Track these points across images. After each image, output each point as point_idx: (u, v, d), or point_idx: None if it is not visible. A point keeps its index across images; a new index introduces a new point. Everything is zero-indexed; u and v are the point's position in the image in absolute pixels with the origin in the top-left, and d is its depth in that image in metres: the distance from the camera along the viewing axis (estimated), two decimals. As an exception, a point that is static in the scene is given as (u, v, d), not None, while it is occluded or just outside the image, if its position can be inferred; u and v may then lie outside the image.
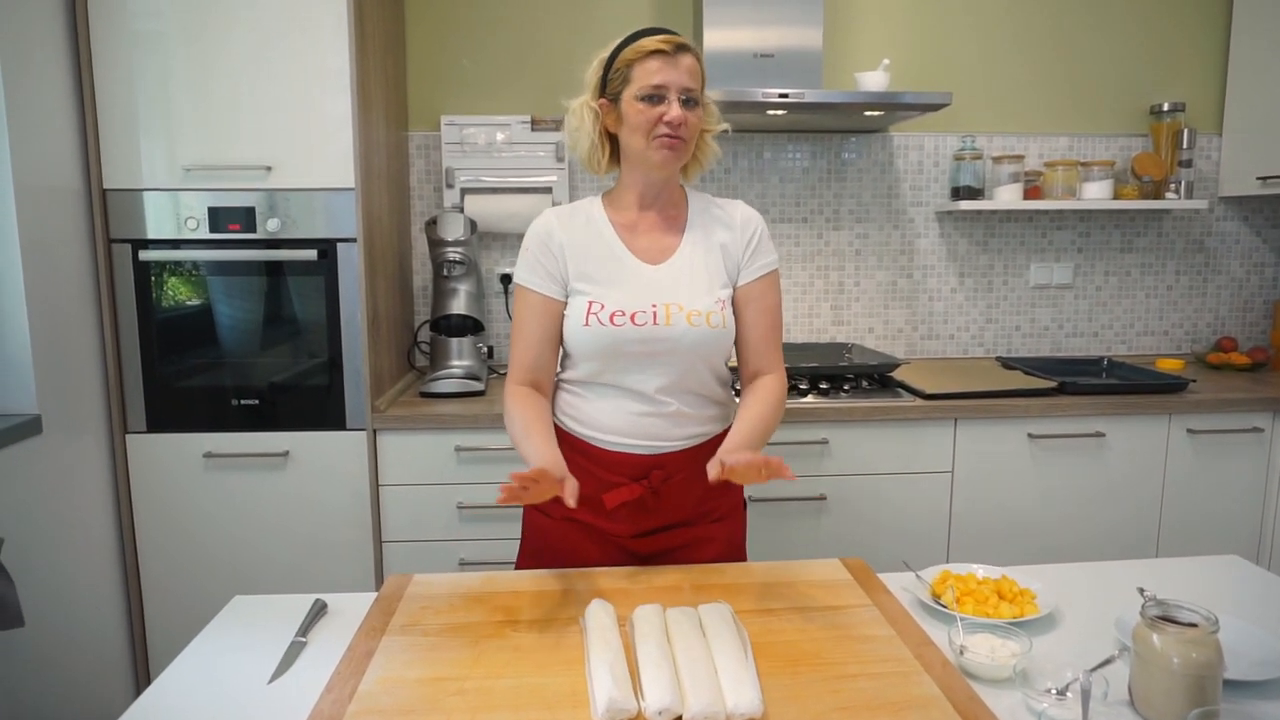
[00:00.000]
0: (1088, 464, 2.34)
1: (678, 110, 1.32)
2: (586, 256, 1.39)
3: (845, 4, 2.69)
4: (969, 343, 2.92)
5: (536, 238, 1.41)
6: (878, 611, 1.22)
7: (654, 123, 1.32)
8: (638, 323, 1.35)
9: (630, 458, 1.40)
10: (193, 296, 2.11)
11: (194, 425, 2.13)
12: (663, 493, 1.40)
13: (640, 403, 1.39)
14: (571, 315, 1.39)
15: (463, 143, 2.63)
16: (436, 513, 2.20)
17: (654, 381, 1.38)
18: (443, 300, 2.47)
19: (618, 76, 1.35)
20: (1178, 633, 0.96)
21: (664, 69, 1.32)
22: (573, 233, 1.40)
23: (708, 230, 1.43)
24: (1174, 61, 2.83)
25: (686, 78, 1.33)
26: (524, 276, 1.41)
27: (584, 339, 1.37)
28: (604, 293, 1.37)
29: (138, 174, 2.05)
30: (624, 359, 1.37)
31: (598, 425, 1.41)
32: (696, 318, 1.36)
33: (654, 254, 1.41)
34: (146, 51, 2.01)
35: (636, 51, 1.33)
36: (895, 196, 2.81)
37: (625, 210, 1.43)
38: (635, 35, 1.36)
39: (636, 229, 1.42)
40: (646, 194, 1.42)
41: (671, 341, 1.35)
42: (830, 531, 2.28)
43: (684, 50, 1.34)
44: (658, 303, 1.36)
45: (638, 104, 1.33)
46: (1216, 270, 2.96)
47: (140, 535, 2.15)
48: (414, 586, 1.31)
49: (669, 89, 1.32)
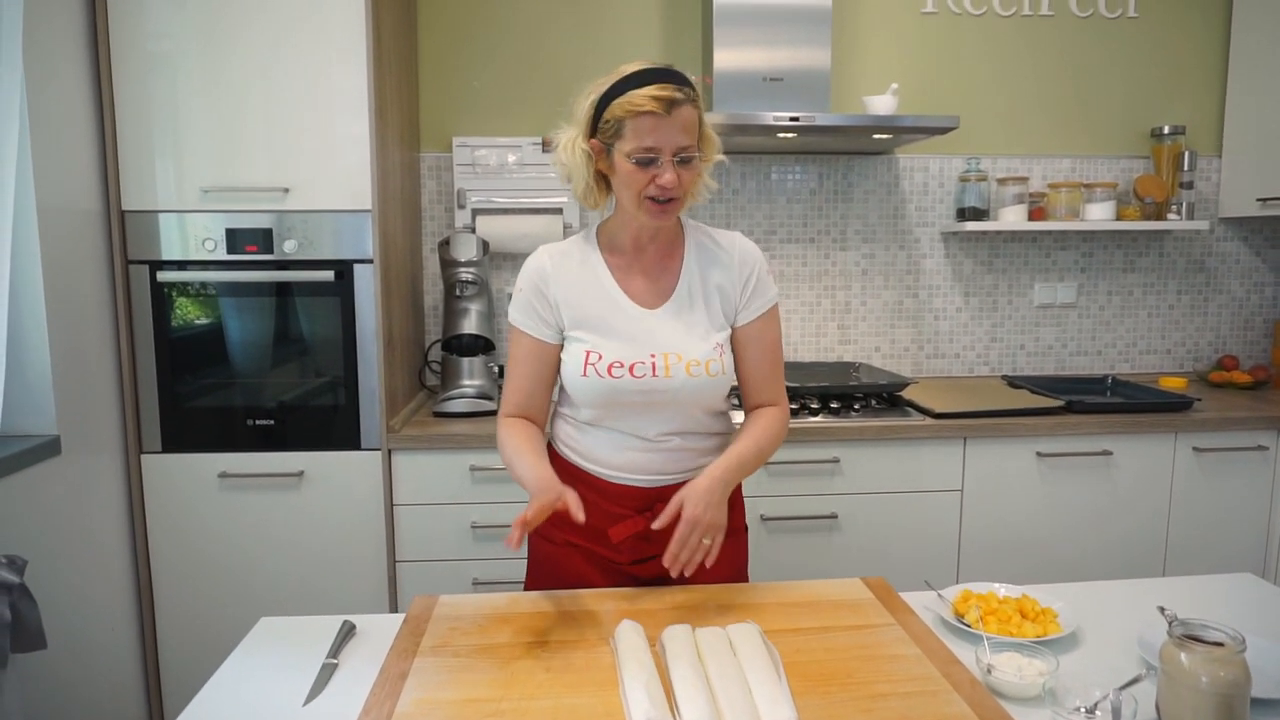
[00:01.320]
0: (1096, 482, 2.36)
1: (670, 175, 1.26)
2: (581, 301, 1.36)
3: (851, 27, 2.73)
4: (974, 362, 2.94)
5: (530, 280, 1.38)
6: (902, 631, 1.23)
7: (646, 184, 1.27)
8: (636, 374, 1.33)
9: (633, 490, 1.40)
10: (209, 317, 2.13)
11: (209, 445, 2.14)
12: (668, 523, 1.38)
13: (640, 442, 1.39)
14: (569, 363, 1.36)
15: (474, 164, 2.66)
16: (450, 532, 2.20)
17: (653, 428, 1.38)
18: (454, 320, 2.48)
19: (609, 127, 1.28)
20: (1206, 652, 0.97)
21: (657, 129, 1.24)
22: (566, 276, 1.37)
23: (704, 270, 1.39)
24: (1174, 85, 2.88)
25: (681, 135, 1.26)
26: (517, 318, 1.40)
27: (582, 387, 1.35)
28: (601, 342, 1.34)
29: (156, 196, 2.07)
30: (622, 407, 1.36)
31: (599, 460, 1.41)
32: (695, 367, 1.34)
33: (650, 296, 1.38)
34: (165, 75, 2.03)
35: (629, 109, 1.25)
36: (901, 217, 2.85)
37: (620, 249, 1.39)
38: (630, 80, 1.26)
39: (631, 269, 1.39)
40: (641, 235, 1.38)
41: (671, 392, 1.34)
42: (841, 550, 2.29)
43: (678, 105, 1.25)
44: (656, 352, 1.34)
45: (629, 163, 1.27)
46: (1217, 290, 2.99)
47: (154, 556, 2.15)
48: (440, 608, 1.31)
49: (662, 151, 1.26)
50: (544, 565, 1.49)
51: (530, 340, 1.38)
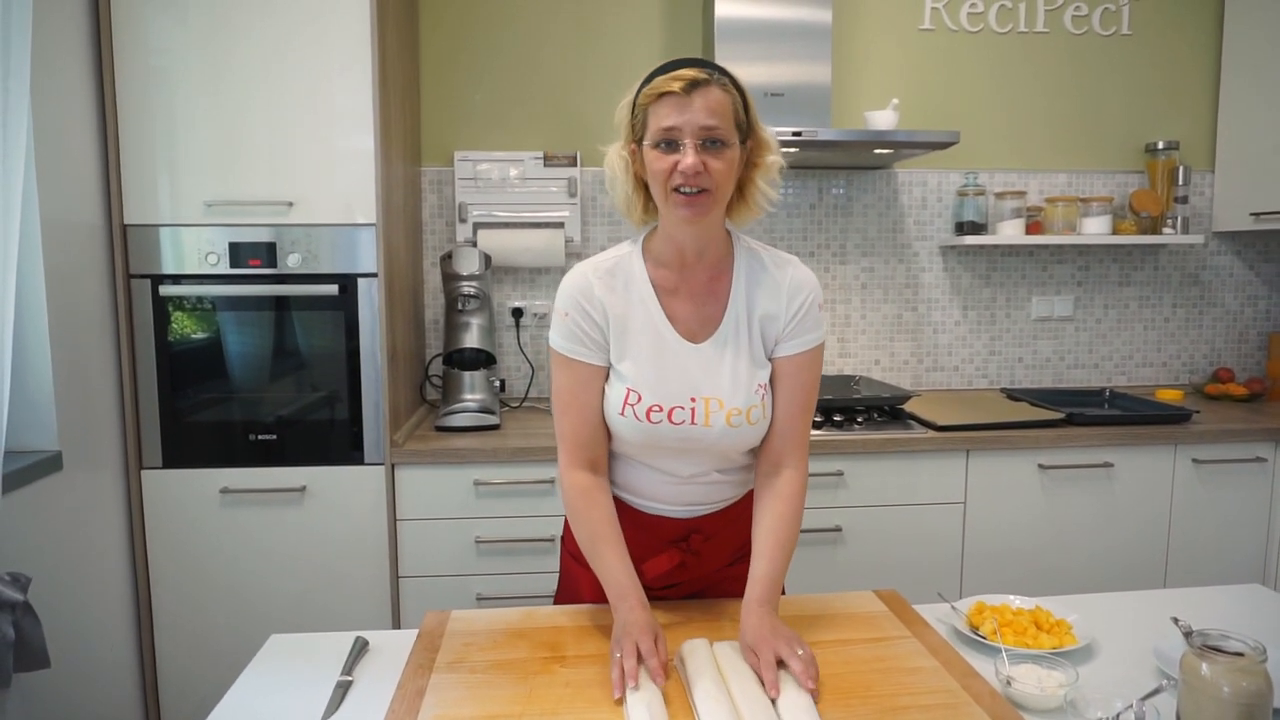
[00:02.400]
0: (1097, 494, 2.37)
1: (692, 158, 1.15)
2: (627, 329, 1.27)
3: (850, 43, 2.76)
4: (973, 374, 2.96)
5: (574, 301, 1.27)
6: (918, 643, 1.23)
7: (668, 172, 1.17)
8: (675, 420, 1.26)
9: (668, 521, 1.36)
10: (210, 331, 2.11)
11: (210, 461, 2.12)
12: (702, 552, 1.37)
13: (675, 478, 1.34)
14: (609, 397, 1.29)
15: (476, 178, 2.66)
16: (454, 547, 2.19)
17: (688, 469, 1.32)
18: (456, 334, 2.48)
19: (638, 122, 1.21)
20: (1228, 662, 0.98)
21: (676, 110, 1.16)
22: (613, 297, 1.27)
23: (752, 299, 1.29)
24: (1168, 101, 2.92)
25: (704, 116, 1.15)
26: (565, 345, 1.28)
27: (619, 424, 1.28)
28: (642, 380, 1.26)
29: (158, 209, 2.06)
30: (659, 450, 1.30)
31: (633, 490, 1.36)
32: (736, 416, 1.26)
33: (695, 327, 1.28)
34: (168, 89, 2.03)
35: (649, 94, 1.18)
36: (900, 231, 2.87)
37: (666, 266, 1.29)
38: (657, 71, 1.21)
39: (678, 292, 1.29)
40: (687, 249, 1.26)
41: (709, 441, 1.28)
42: (846, 563, 2.29)
43: (700, 86, 1.16)
44: (697, 397, 1.26)
45: (653, 151, 1.19)
46: (1212, 303, 3.02)
47: (154, 572, 2.12)
48: (454, 623, 1.31)
49: (682, 132, 1.16)
50: (572, 583, 1.46)
51: (583, 368, 1.28)
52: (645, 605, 1.20)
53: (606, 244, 2.77)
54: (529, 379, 2.77)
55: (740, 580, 1.40)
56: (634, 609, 1.19)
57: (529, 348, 2.77)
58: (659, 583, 1.37)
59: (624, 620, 1.17)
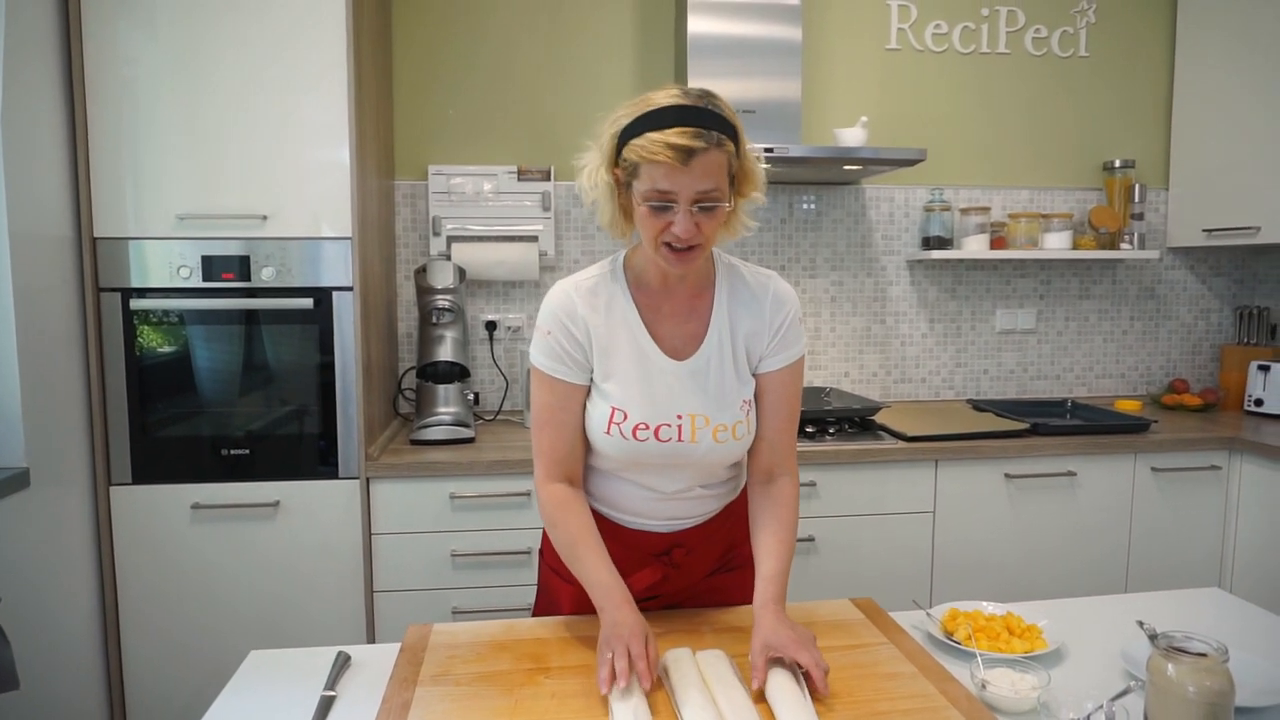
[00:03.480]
0: (1061, 501, 2.43)
1: (686, 223, 1.14)
2: (609, 347, 1.28)
3: (819, 61, 2.82)
4: (940, 386, 3.02)
5: (557, 320, 1.27)
6: (895, 649, 1.26)
7: (661, 230, 1.16)
8: (661, 438, 1.27)
9: (650, 536, 1.37)
10: (182, 346, 2.09)
11: (181, 476, 2.10)
12: (684, 565, 1.38)
13: (658, 494, 1.35)
14: (594, 416, 1.29)
15: (450, 192, 2.67)
16: (429, 561, 2.18)
17: (673, 484, 1.34)
18: (430, 347, 2.48)
19: (627, 164, 1.16)
20: (1192, 662, 1.02)
21: (670, 175, 1.12)
22: (595, 316, 1.27)
23: (735, 316, 1.30)
24: (1123, 121, 3.01)
25: (701, 181, 1.12)
26: (546, 363, 1.28)
27: (604, 443, 1.29)
28: (627, 399, 1.27)
29: (129, 222, 2.04)
30: (644, 467, 1.31)
31: (616, 506, 1.38)
32: (722, 433, 1.28)
33: (678, 344, 1.29)
34: (141, 100, 2.01)
35: (642, 154, 1.12)
36: (869, 246, 2.92)
37: (649, 286, 1.29)
38: (650, 119, 1.13)
39: (661, 310, 1.30)
40: (669, 273, 1.27)
41: (695, 457, 1.29)
42: (819, 572, 2.32)
43: (698, 154, 1.11)
44: (683, 413, 1.27)
45: (643, 206, 1.16)
46: (1167, 316, 3.12)
47: (123, 591, 2.09)
48: (436, 636, 1.31)
49: (677, 198, 1.13)
50: (551, 596, 1.46)
51: (564, 387, 1.28)
52: (632, 605, 1.21)
53: (580, 257, 2.79)
54: (503, 392, 2.77)
55: (720, 591, 1.43)
56: (620, 608, 1.19)
57: (503, 361, 2.77)
58: (641, 595, 1.37)
59: (613, 620, 1.17)
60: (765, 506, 1.34)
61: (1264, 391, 2.80)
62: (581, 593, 1.38)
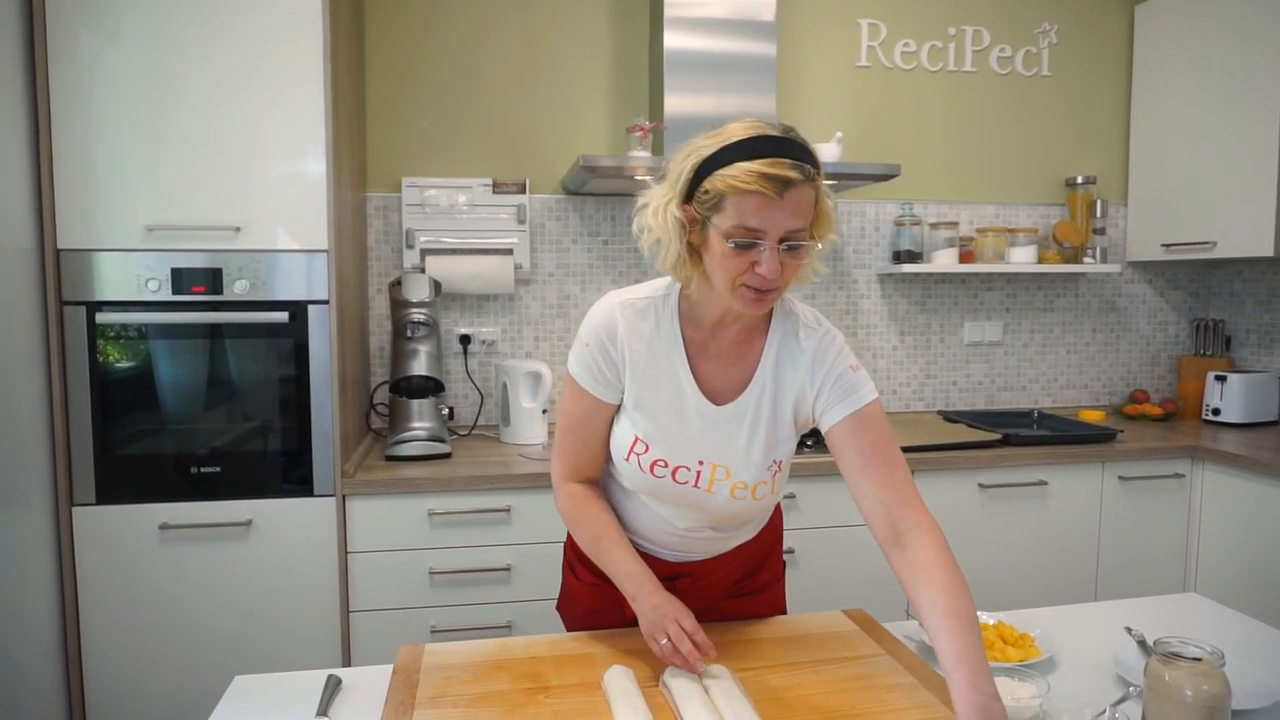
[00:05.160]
0: (1033, 511, 2.47)
1: (774, 264, 1.07)
2: (646, 376, 1.23)
3: (793, 77, 2.85)
4: (910, 397, 3.06)
5: (597, 336, 1.23)
6: (893, 660, 1.26)
7: (742, 270, 1.09)
8: (679, 480, 1.23)
9: (658, 561, 1.34)
10: (151, 361, 2.03)
11: (148, 496, 2.03)
12: (690, 593, 1.32)
13: (672, 526, 1.31)
14: (617, 437, 1.26)
15: (424, 204, 2.64)
16: (407, 580, 2.14)
17: (686, 522, 1.30)
18: (404, 361, 2.44)
19: (708, 198, 1.08)
20: (1189, 667, 1.03)
21: (763, 210, 1.05)
22: (638, 341, 1.22)
23: (780, 367, 1.23)
24: (1084, 138, 3.10)
25: (792, 219, 1.06)
26: (580, 375, 1.26)
27: (623, 468, 1.27)
28: (653, 432, 1.23)
29: (95, 233, 1.98)
30: (661, 498, 1.28)
31: (628, 525, 1.34)
32: (741, 490, 1.23)
33: (721, 386, 1.23)
34: (107, 109, 1.95)
35: (732, 184, 1.05)
36: (840, 260, 2.96)
37: (700, 324, 1.23)
38: (740, 148, 1.06)
39: (708, 349, 1.24)
40: (729, 314, 1.21)
41: (711, 506, 1.26)
42: (800, 585, 2.32)
43: (794, 186, 1.05)
44: (705, 460, 1.22)
45: (725, 245, 1.08)
46: (1127, 329, 3.21)
47: (85, 616, 2.01)
48: (429, 657, 1.28)
49: (766, 235, 1.06)
50: (571, 597, 1.47)
51: (591, 400, 1.26)
52: (663, 589, 1.22)
53: (555, 271, 2.77)
54: (478, 406, 2.74)
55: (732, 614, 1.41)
56: (654, 594, 1.20)
57: (477, 375, 2.74)
58: None
59: (650, 605, 1.19)
60: (914, 582, 1.11)
61: (1221, 401, 2.89)
62: (596, 591, 1.38)
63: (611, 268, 2.80)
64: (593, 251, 2.79)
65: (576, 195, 2.76)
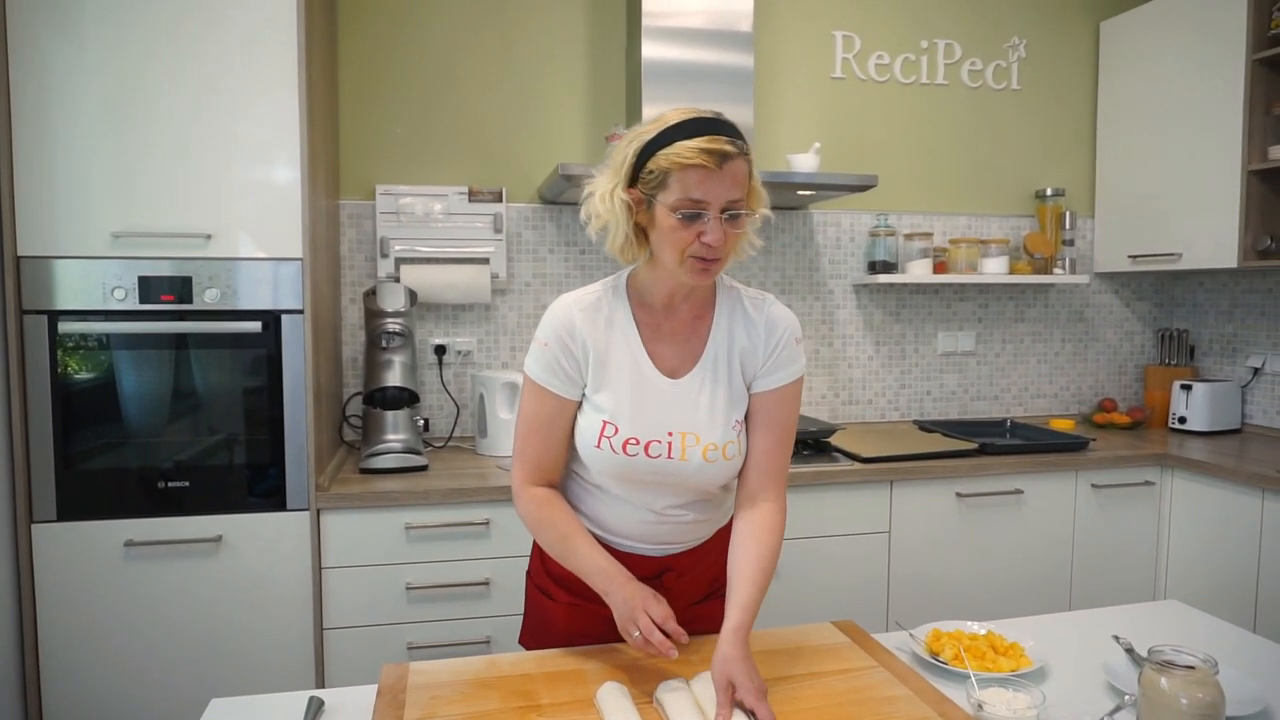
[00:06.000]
0: (1009, 519, 2.49)
1: (718, 231, 1.16)
2: (606, 363, 1.28)
3: (769, 88, 2.86)
4: (885, 407, 3.08)
5: (556, 334, 1.28)
6: (887, 672, 1.25)
7: (689, 242, 1.18)
8: (651, 454, 1.27)
9: (642, 559, 1.35)
10: (115, 372, 1.96)
11: (112, 512, 1.96)
12: (674, 590, 1.35)
13: (650, 513, 1.33)
14: (583, 429, 1.30)
15: (398, 212, 2.60)
16: (383, 595, 2.09)
17: (663, 502, 1.33)
18: (378, 372, 2.39)
19: (652, 177, 1.17)
20: (1184, 675, 1.04)
21: (706, 182, 1.15)
22: (595, 331, 1.28)
23: (732, 335, 1.32)
24: (1053, 151, 3.16)
25: (731, 189, 1.16)
26: (541, 375, 1.29)
27: (594, 457, 1.30)
28: (619, 413, 1.27)
29: (58, 240, 1.91)
30: (634, 483, 1.31)
31: (607, 527, 1.36)
32: (713, 451, 1.28)
33: (675, 363, 1.30)
34: (72, 111, 1.89)
35: (676, 161, 1.15)
36: (816, 270, 2.97)
37: (651, 306, 1.31)
38: (678, 130, 1.17)
39: (660, 329, 1.31)
40: (676, 293, 1.30)
41: (685, 475, 1.30)
42: (780, 596, 2.31)
43: (730, 159, 1.15)
44: (674, 430, 1.27)
45: (672, 218, 1.17)
46: (1095, 338, 3.26)
47: (45, 638, 1.93)
48: (414, 676, 1.24)
49: (710, 206, 1.16)
50: (539, 618, 1.44)
51: (553, 399, 1.29)
52: (635, 580, 1.23)
53: (532, 280, 2.75)
54: (453, 418, 2.69)
55: (709, 619, 1.41)
56: (625, 585, 1.22)
57: (452, 385, 2.70)
58: None
59: (622, 598, 1.20)
60: (746, 531, 1.30)
61: (1187, 409, 2.94)
62: (575, 609, 1.37)
63: (589, 277, 2.78)
64: (570, 261, 2.77)
65: (553, 204, 2.74)
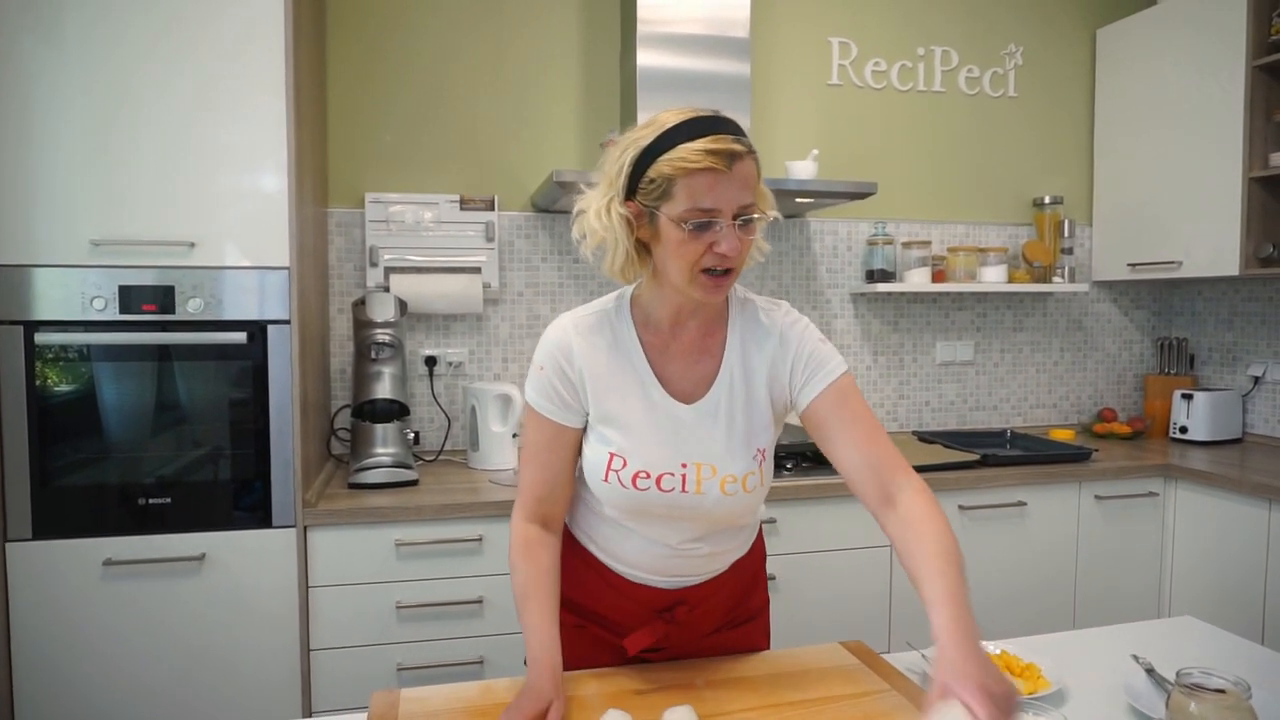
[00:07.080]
0: (1012, 532, 2.45)
1: (733, 240, 1.05)
2: (610, 389, 1.18)
3: (765, 95, 2.83)
4: (884, 418, 3.03)
5: (552, 358, 1.20)
6: (900, 696, 1.20)
7: (700, 254, 1.07)
8: (664, 488, 1.17)
9: (654, 591, 1.28)
10: (94, 384, 1.89)
11: (91, 530, 1.89)
12: (687, 623, 1.28)
13: (664, 548, 1.24)
14: (591, 461, 1.20)
15: (388, 220, 2.54)
16: (372, 615, 2.02)
17: (678, 536, 1.23)
18: (367, 384, 2.33)
19: (654, 187, 1.06)
20: (1215, 699, 0.99)
21: (716, 187, 1.04)
22: (595, 356, 1.19)
23: (748, 353, 1.20)
24: (1051, 159, 3.13)
25: (742, 193, 1.06)
26: (538, 401, 1.21)
27: (603, 491, 1.20)
28: (627, 444, 1.17)
29: (34, 248, 1.85)
30: (647, 517, 1.21)
31: (617, 556, 1.28)
32: (732, 484, 1.17)
33: (687, 386, 1.20)
34: (50, 116, 1.83)
35: (680, 166, 1.04)
36: (813, 279, 2.93)
37: (658, 327, 1.20)
38: (677, 132, 1.05)
39: (669, 350, 1.20)
40: (684, 310, 1.19)
41: (702, 510, 1.19)
42: (782, 611, 2.24)
43: (739, 159, 1.05)
44: (688, 462, 1.17)
45: (681, 230, 1.05)
46: (1094, 347, 3.23)
47: (19, 662, 1.85)
48: (406, 704, 1.18)
49: (722, 214, 1.05)
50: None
51: (552, 426, 1.21)
52: (554, 672, 1.14)
53: (525, 290, 2.70)
54: (444, 431, 2.63)
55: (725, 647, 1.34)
56: (541, 676, 1.13)
57: (443, 397, 2.64)
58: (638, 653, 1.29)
59: (529, 684, 1.12)
60: (904, 537, 1.10)
61: (1188, 419, 2.91)
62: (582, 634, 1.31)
63: (583, 287, 2.73)
64: (563, 270, 2.72)
65: (546, 213, 2.69)
